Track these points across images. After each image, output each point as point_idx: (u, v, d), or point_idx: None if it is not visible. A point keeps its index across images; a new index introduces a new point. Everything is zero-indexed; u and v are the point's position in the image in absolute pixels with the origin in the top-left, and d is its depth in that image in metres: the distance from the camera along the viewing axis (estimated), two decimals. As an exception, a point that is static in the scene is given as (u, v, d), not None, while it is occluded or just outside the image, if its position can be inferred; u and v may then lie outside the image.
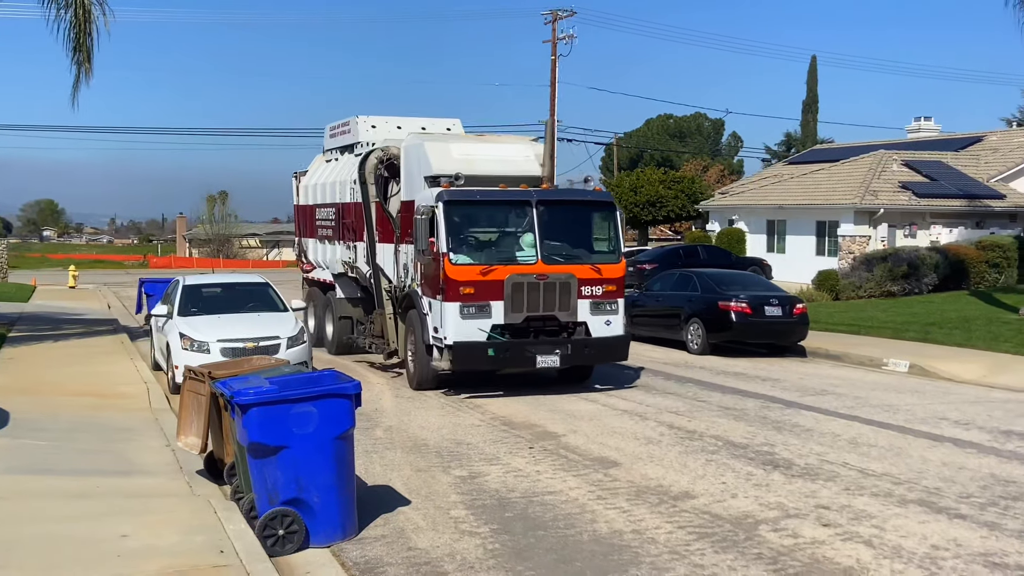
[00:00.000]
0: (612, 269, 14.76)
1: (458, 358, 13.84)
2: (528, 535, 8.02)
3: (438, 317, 14.05)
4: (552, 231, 14.50)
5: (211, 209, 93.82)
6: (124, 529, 7.67)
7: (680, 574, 7.05)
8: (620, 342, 14.93)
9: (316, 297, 21.28)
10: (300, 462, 7.75)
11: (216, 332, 14.77)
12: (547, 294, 14.00)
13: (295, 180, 23.18)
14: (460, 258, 13.89)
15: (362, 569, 7.32)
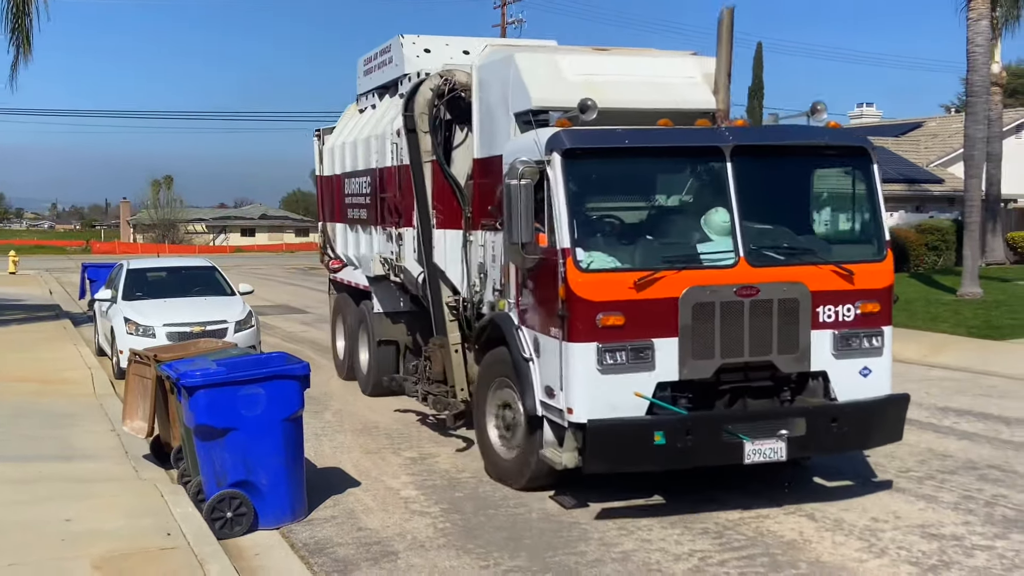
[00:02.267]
0: (872, 272, 7.93)
1: (596, 450, 7.23)
2: (478, 514, 8.06)
3: (554, 368, 7.55)
4: (760, 204, 7.91)
5: (156, 194, 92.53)
6: (68, 513, 7.58)
7: (628, 548, 7.15)
8: (890, 409, 8.00)
9: (346, 308, 14.04)
10: (248, 444, 7.70)
11: (162, 316, 14.60)
12: (756, 322, 7.45)
13: (317, 141, 15.44)
14: (597, 258, 7.39)
15: (311, 550, 7.31)
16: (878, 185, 8.10)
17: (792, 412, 7.67)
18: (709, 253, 7.60)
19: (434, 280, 10.22)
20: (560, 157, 7.41)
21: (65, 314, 23.75)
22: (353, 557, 7.14)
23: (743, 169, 7.63)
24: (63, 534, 7.11)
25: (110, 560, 6.58)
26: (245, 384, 7.74)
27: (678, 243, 7.83)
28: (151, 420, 9.22)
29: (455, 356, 9.77)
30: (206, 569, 6.45)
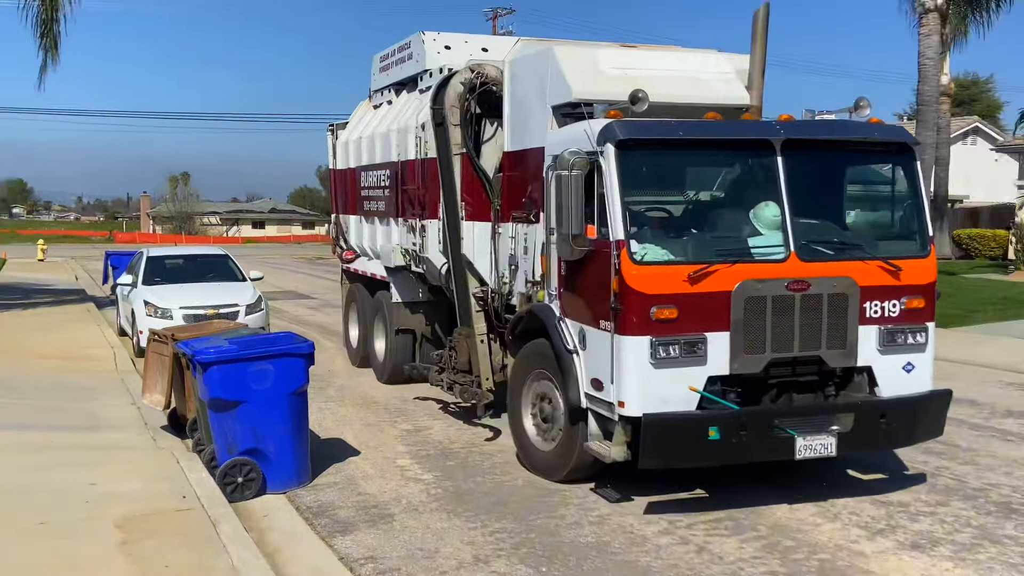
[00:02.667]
0: (917, 267, 7.39)
1: (651, 445, 6.62)
2: (468, 481, 8.09)
3: (603, 361, 6.98)
4: (807, 198, 7.37)
5: (173, 188, 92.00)
6: (92, 478, 7.58)
7: (604, 513, 7.19)
8: (934, 405, 7.47)
9: (360, 298, 13.48)
10: (257, 416, 7.72)
11: (178, 300, 14.55)
12: (806, 317, 6.95)
13: (330, 135, 14.81)
14: (650, 251, 6.86)
15: (315, 512, 7.33)
16: (921, 181, 7.66)
17: (842, 407, 7.14)
18: (760, 247, 7.06)
19: (459, 271, 9.67)
20: (614, 148, 6.86)
21: (89, 298, 23.64)
22: (353, 519, 7.16)
23: (792, 163, 7.13)
24: (87, 496, 7.11)
25: (131, 520, 6.59)
26: (255, 361, 7.76)
27: (729, 237, 7.26)
28: (168, 394, 9.22)
29: (481, 346, 9.38)
30: (218, 529, 6.47)
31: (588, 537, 6.69)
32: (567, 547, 6.50)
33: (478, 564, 6.22)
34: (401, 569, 6.15)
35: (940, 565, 6.14)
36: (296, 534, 6.82)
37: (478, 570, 6.13)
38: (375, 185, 12.44)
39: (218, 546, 6.15)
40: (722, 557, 6.30)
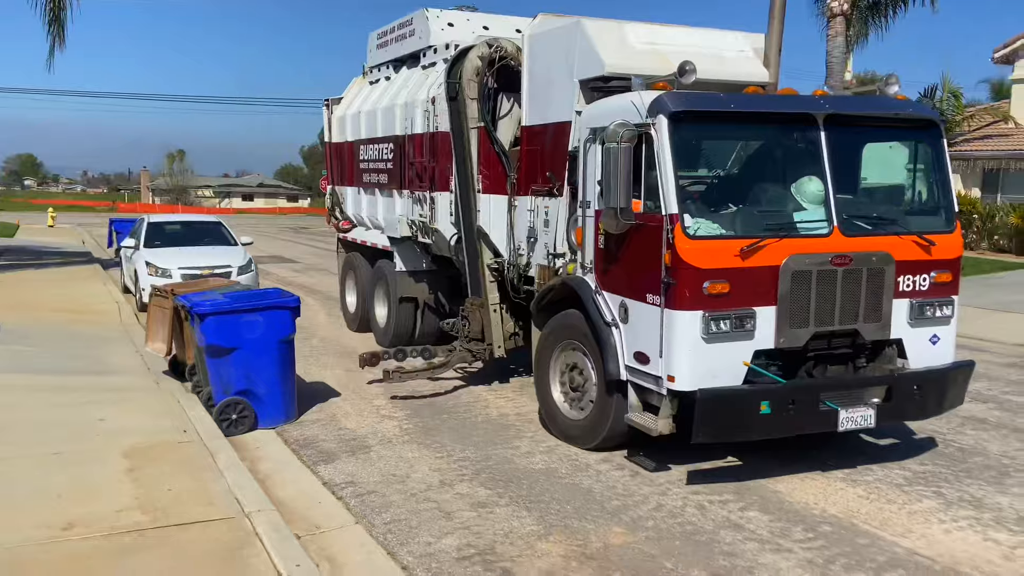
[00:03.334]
0: (946, 242, 6.77)
1: (705, 419, 5.94)
2: (435, 418, 8.13)
3: (649, 335, 6.24)
4: (847, 173, 6.80)
5: (170, 164, 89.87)
6: (102, 415, 7.48)
7: (552, 444, 7.28)
8: (960, 375, 6.89)
9: (358, 266, 12.54)
10: (249, 360, 7.66)
11: (177, 261, 14.30)
12: (847, 291, 6.32)
13: (326, 110, 13.70)
14: (704, 225, 6.11)
15: (301, 444, 7.31)
16: (947, 157, 7.04)
17: (880, 380, 6.54)
18: (805, 222, 6.37)
19: (471, 243, 8.94)
20: (667, 120, 6.06)
21: (95, 260, 23.10)
22: (335, 450, 7.17)
23: (834, 137, 6.46)
24: (99, 430, 7.03)
25: (137, 450, 6.53)
26: (247, 312, 7.69)
27: (775, 211, 6.53)
28: (169, 342, 9.09)
29: (493, 315, 8.77)
30: (216, 458, 6.44)
31: (538, 465, 6.77)
32: (520, 473, 6.57)
33: (444, 487, 6.28)
34: (377, 491, 6.18)
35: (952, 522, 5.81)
36: (284, 462, 6.81)
37: (444, 491, 6.18)
38: (376, 158, 11.61)
39: (215, 472, 6.13)
40: (652, 480, 6.42)
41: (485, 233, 8.82)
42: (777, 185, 6.75)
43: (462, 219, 9.10)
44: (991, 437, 7.55)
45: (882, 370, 6.65)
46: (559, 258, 7.57)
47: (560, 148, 7.48)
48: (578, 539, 5.36)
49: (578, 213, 7.06)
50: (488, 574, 4.88)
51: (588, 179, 6.85)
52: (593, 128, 6.75)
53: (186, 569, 4.61)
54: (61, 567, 4.60)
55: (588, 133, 6.85)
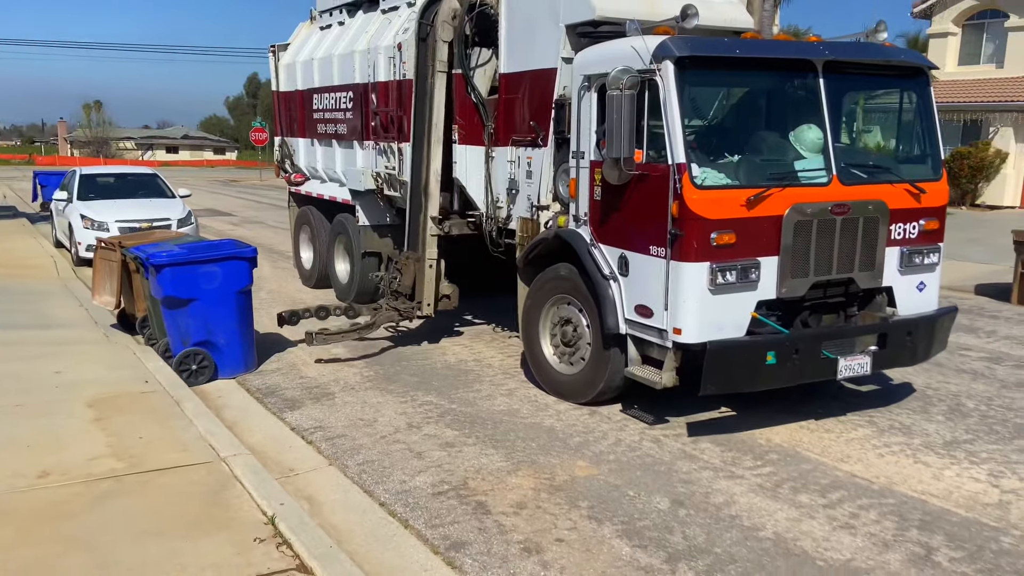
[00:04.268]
0: (934, 190, 6.74)
1: (714, 372, 5.86)
2: (395, 365, 8.24)
3: (652, 288, 6.07)
4: (844, 122, 6.82)
5: (88, 115, 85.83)
6: (57, 367, 7.37)
7: (512, 387, 7.49)
8: (947, 321, 6.98)
9: (315, 220, 12.03)
10: (208, 311, 7.63)
11: (113, 214, 13.93)
12: (844, 240, 6.26)
13: (272, 57, 12.88)
14: (710, 174, 5.90)
15: (264, 393, 7.36)
16: (935, 104, 6.92)
17: (876, 328, 6.50)
18: (806, 170, 6.21)
19: (416, 195, 8.67)
20: (673, 66, 5.78)
21: (21, 214, 22.22)
22: (299, 397, 7.23)
23: (832, 84, 6.30)
24: (56, 382, 6.93)
25: (100, 401, 6.49)
26: (204, 264, 7.62)
27: (777, 160, 6.35)
28: (118, 294, 8.94)
29: (428, 271, 8.48)
30: (182, 407, 6.44)
31: (500, 406, 6.98)
32: (484, 414, 6.77)
33: (411, 429, 6.44)
34: (347, 435, 6.31)
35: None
36: (249, 410, 6.86)
37: (412, 433, 6.35)
38: (333, 107, 11.04)
39: (184, 421, 6.14)
40: (609, 417, 6.71)
41: (462, 185, 8.56)
42: (776, 133, 6.58)
43: (412, 169, 8.80)
44: (915, 371, 8.07)
45: (875, 318, 6.63)
46: (543, 211, 7.37)
47: (544, 96, 7.22)
48: (545, 473, 5.60)
49: (570, 164, 6.82)
50: (464, 507, 5.09)
51: (582, 128, 6.61)
52: (588, 75, 6.50)
53: (169, 511, 4.68)
54: (43, 512, 4.61)
55: (582, 80, 6.57)
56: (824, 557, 4.52)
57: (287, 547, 4.30)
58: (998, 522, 4.95)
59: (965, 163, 24.25)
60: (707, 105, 6.82)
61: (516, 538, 4.69)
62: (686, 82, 5.86)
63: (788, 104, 6.71)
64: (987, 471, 5.71)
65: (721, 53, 6.03)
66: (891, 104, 7.17)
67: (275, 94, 13.17)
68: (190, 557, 4.17)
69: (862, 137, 7.30)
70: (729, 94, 7.01)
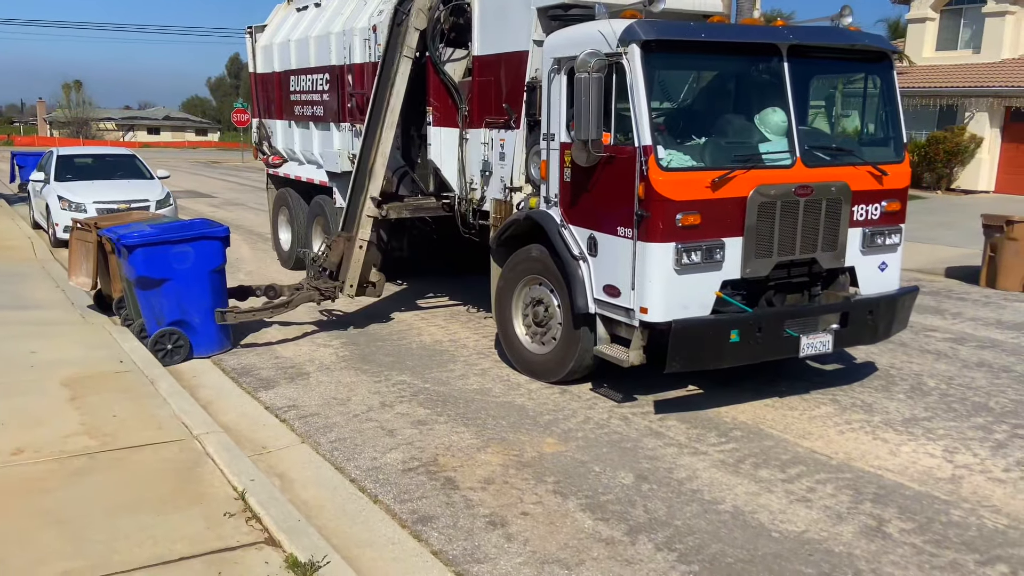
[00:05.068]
0: (896, 172, 6.88)
1: (678, 349, 5.96)
2: (370, 345, 8.32)
3: (620, 268, 6.20)
4: (808, 105, 6.94)
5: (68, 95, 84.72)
6: (32, 347, 7.39)
7: (485, 367, 7.59)
8: (908, 301, 7.09)
9: (292, 203, 11.99)
10: (182, 291, 7.67)
11: (91, 195, 13.87)
12: (807, 221, 6.39)
13: (248, 38, 12.89)
14: (676, 157, 6.03)
15: (239, 373, 7.42)
16: (897, 88, 7.06)
17: (838, 307, 6.63)
18: (770, 153, 6.32)
19: (361, 175, 8.64)
20: (639, 49, 5.87)
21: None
22: (274, 377, 7.30)
23: (796, 68, 6.41)
24: (32, 362, 6.96)
25: (75, 381, 6.53)
26: (176, 244, 7.65)
27: (741, 143, 6.42)
28: (95, 275, 8.95)
29: (357, 251, 8.43)
30: (157, 386, 6.49)
31: (473, 385, 7.08)
32: (456, 393, 6.87)
33: (384, 408, 6.53)
34: (320, 414, 6.39)
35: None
36: (224, 390, 6.92)
37: (385, 412, 6.44)
38: (309, 89, 11.13)
39: (158, 400, 6.20)
40: (579, 395, 6.83)
41: (436, 168, 8.60)
42: (742, 116, 6.67)
43: (361, 149, 8.74)
44: (880, 351, 8.24)
45: (837, 297, 6.76)
46: (516, 192, 7.45)
47: (516, 79, 7.30)
48: (514, 450, 5.71)
49: (541, 146, 6.88)
50: (433, 483, 5.19)
51: (552, 111, 6.70)
52: (558, 58, 6.58)
53: (142, 487, 4.75)
54: (16, 488, 4.67)
55: (552, 63, 6.66)
56: (780, 529, 4.67)
57: (256, 521, 4.38)
58: (949, 495, 5.12)
59: (940, 148, 24.47)
60: (673, 88, 6.88)
61: (482, 512, 4.80)
62: (652, 65, 5.93)
63: (753, 88, 6.78)
64: (943, 447, 5.88)
65: (687, 37, 6.10)
66: (855, 88, 7.30)
67: (252, 76, 13.09)
68: (161, 531, 4.25)
69: (826, 120, 7.39)
70: (695, 77, 7.10)
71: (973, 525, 4.74)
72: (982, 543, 4.54)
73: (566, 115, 6.52)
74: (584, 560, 4.30)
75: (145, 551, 4.06)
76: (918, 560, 4.36)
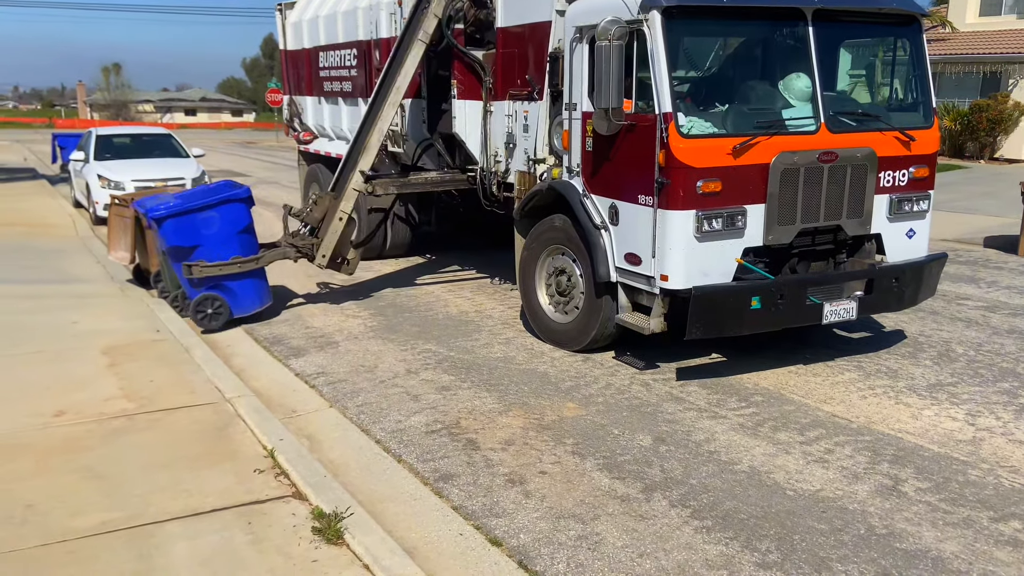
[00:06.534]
0: (924, 138, 6.75)
1: (699, 316, 5.98)
2: (397, 316, 8.50)
3: (641, 236, 6.20)
4: (834, 70, 6.82)
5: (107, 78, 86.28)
6: (74, 318, 7.70)
7: (510, 336, 7.73)
8: (935, 267, 7.01)
9: (323, 179, 11.79)
10: (212, 256, 7.86)
11: (129, 173, 14.25)
12: (832, 188, 6.33)
13: (279, 15, 12.98)
14: (697, 124, 6.01)
15: (271, 342, 7.64)
16: (927, 52, 6.93)
17: (862, 274, 6.60)
18: (794, 119, 6.26)
19: (356, 148, 8.73)
20: (660, 16, 5.84)
21: (41, 175, 22.62)
22: (304, 346, 7.51)
23: (821, 33, 6.30)
24: (73, 331, 7.27)
25: (115, 348, 6.81)
26: (201, 211, 7.84)
27: (764, 109, 6.36)
28: (133, 250, 9.26)
29: (337, 223, 8.52)
30: (192, 354, 6.75)
31: (497, 354, 7.22)
32: (480, 361, 7.02)
33: (410, 374, 6.70)
34: (348, 380, 6.58)
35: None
36: (256, 358, 7.14)
37: (410, 378, 6.61)
38: (338, 65, 11.19)
39: (193, 366, 6.45)
40: (602, 363, 6.93)
41: (462, 140, 8.64)
42: (765, 82, 6.61)
43: (362, 123, 8.80)
44: (910, 319, 8.21)
45: (862, 264, 6.72)
46: (540, 163, 7.50)
47: (539, 50, 7.34)
48: (535, 414, 5.85)
49: (563, 116, 6.90)
50: (455, 443, 5.35)
51: (574, 80, 6.71)
52: (579, 27, 6.59)
53: (177, 445, 4.99)
54: (59, 446, 4.94)
55: (574, 32, 6.66)
56: (795, 488, 4.74)
57: (284, 477, 4.59)
58: (968, 456, 5.14)
59: (984, 116, 23.93)
60: (695, 55, 6.84)
61: (502, 471, 4.95)
62: (673, 32, 5.91)
63: (777, 53, 6.72)
64: (966, 411, 5.89)
65: (708, 3, 6.05)
66: (883, 52, 7.21)
67: (282, 53, 13.21)
68: (194, 485, 4.47)
69: (853, 85, 7.31)
70: (717, 44, 7.04)
71: (990, 484, 4.77)
72: (997, 501, 4.58)
73: (588, 84, 6.53)
74: (599, 515, 4.43)
75: (179, 503, 4.28)
76: (932, 517, 4.42)
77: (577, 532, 4.27)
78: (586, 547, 4.13)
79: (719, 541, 4.19)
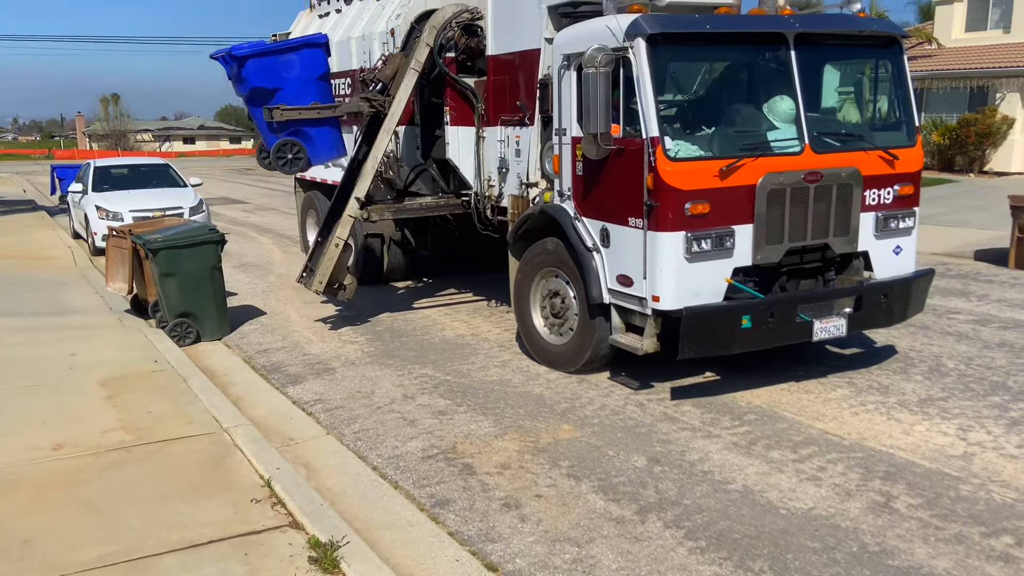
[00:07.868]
0: (908, 156, 6.88)
1: (690, 336, 6.05)
2: (394, 341, 8.52)
3: (632, 258, 6.28)
4: (817, 92, 6.85)
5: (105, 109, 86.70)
6: (72, 350, 7.72)
7: (506, 359, 7.75)
8: (923, 283, 7.11)
9: (319, 206, 12.06)
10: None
11: (127, 204, 14.32)
12: (818, 207, 6.44)
13: None
14: (683, 147, 6.10)
15: (269, 369, 7.66)
16: (908, 72, 7.04)
17: (851, 291, 6.66)
18: (778, 140, 6.36)
19: (351, 176, 8.84)
20: (645, 43, 5.96)
21: (40, 207, 22.71)
22: (301, 373, 7.53)
23: (803, 56, 6.42)
24: (71, 364, 7.28)
25: (112, 379, 6.82)
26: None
27: (749, 131, 6.46)
28: (130, 280, 9.28)
29: (332, 249, 8.54)
30: (189, 384, 6.76)
31: (493, 377, 7.24)
32: (477, 384, 7.04)
33: (407, 399, 6.72)
34: (345, 407, 6.60)
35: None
36: (254, 386, 7.16)
37: (407, 403, 6.63)
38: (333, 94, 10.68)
39: (191, 396, 6.46)
40: (597, 384, 6.95)
41: (455, 166, 8.75)
42: (750, 105, 6.72)
43: (356, 150, 8.97)
44: (900, 334, 8.24)
45: (851, 282, 6.81)
46: (532, 188, 7.59)
47: (529, 76, 7.47)
48: (530, 436, 5.86)
49: (554, 141, 7.03)
50: (451, 468, 5.36)
51: (563, 106, 6.83)
52: (567, 54, 6.72)
53: (174, 476, 4.99)
54: (56, 480, 4.94)
55: (562, 60, 6.79)
56: (787, 507, 4.75)
57: (281, 506, 4.59)
58: (960, 472, 5.16)
59: (972, 130, 24.07)
60: (680, 80, 6.92)
61: (498, 495, 4.96)
62: (658, 58, 6.02)
63: (761, 77, 6.83)
64: (956, 426, 5.90)
65: (692, 29, 6.20)
66: (866, 73, 7.32)
67: None
68: (191, 516, 4.48)
69: (837, 106, 7.41)
70: (702, 69, 7.14)
71: (981, 499, 4.78)
72: (989, 516, 4.59)
73: (576, 110, 6.64)
74: (594, 538, 4.44)
75: (176, 535, 4.28)
76: (923, 533, 4.43)
77: (572, 555, 4.28)
78: (581, 570, 4.14)
79: (713, 562, 4.20)
